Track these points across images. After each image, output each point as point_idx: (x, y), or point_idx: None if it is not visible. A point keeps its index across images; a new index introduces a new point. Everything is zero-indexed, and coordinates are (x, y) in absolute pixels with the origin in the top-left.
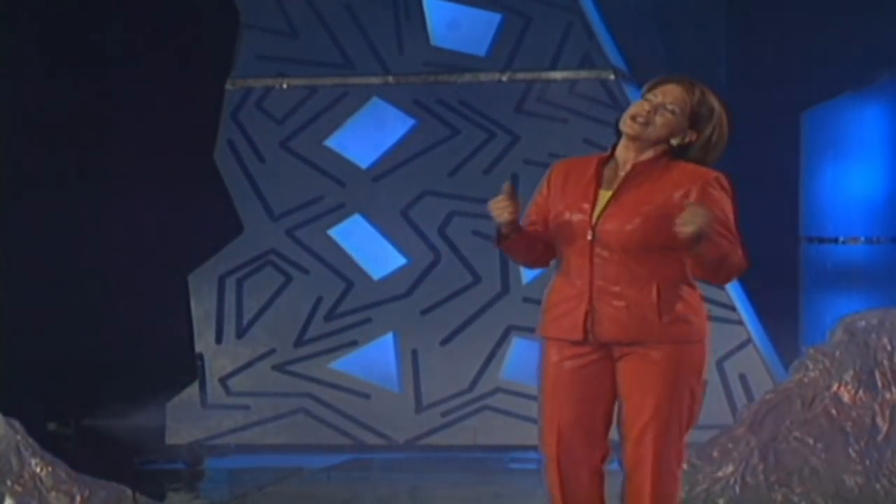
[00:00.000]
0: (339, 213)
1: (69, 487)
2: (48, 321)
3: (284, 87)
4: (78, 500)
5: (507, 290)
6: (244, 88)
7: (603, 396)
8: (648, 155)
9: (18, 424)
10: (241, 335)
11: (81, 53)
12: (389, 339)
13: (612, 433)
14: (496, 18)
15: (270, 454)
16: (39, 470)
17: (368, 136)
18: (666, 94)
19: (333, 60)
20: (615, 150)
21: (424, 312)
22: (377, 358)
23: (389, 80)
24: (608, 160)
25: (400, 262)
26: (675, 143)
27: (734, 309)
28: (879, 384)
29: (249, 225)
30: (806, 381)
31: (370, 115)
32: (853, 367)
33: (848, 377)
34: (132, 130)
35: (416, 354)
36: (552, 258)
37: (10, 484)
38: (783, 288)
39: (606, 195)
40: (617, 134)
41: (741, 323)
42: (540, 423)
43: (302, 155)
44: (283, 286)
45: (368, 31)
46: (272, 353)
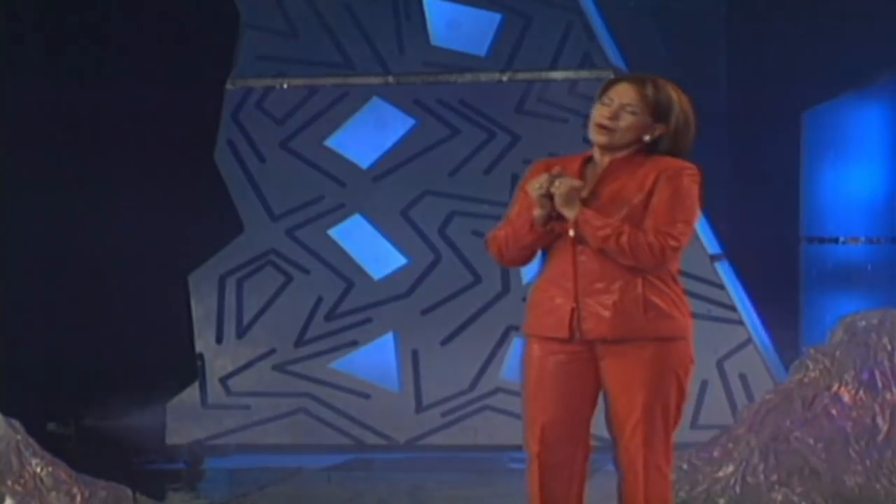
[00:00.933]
0: (339, 213)
1: (69, 487)
2: (48, 321)
3: (285, 87)
4: (78, 500)
5: (507, 290)
6: (244, 88)
7: (587, 395)
8: (623, 153)
9: (18, 424)
10: (241, 335)
11: (82, 53)
12: (389, 339)
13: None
14: (496, 18)
15: (270, 454)
16: (39, 470)
17: (368, 136)
18: (621, 95)
19: (333, 60)
20: (584, 154)
21: (425, 312)
22: (377, 358)
23: (389, 80)
24: (590, 159)
25: (400, 262)
26: (647, 139)
27: (734, 309)
28: (879, 384)
29: (249, 225)
30: (806, 381)
31: (370, 115)
32: (853, 367)
33: (848, 377)
34: (132, 130)
35: (416, 354)
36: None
37: (10, 484)
38: (783, 288)
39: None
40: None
41: (741, 323)
42: (524, 422)
43: (302, 155)
44: (283, 286)
45: (368, 31)
46: (272, 353)
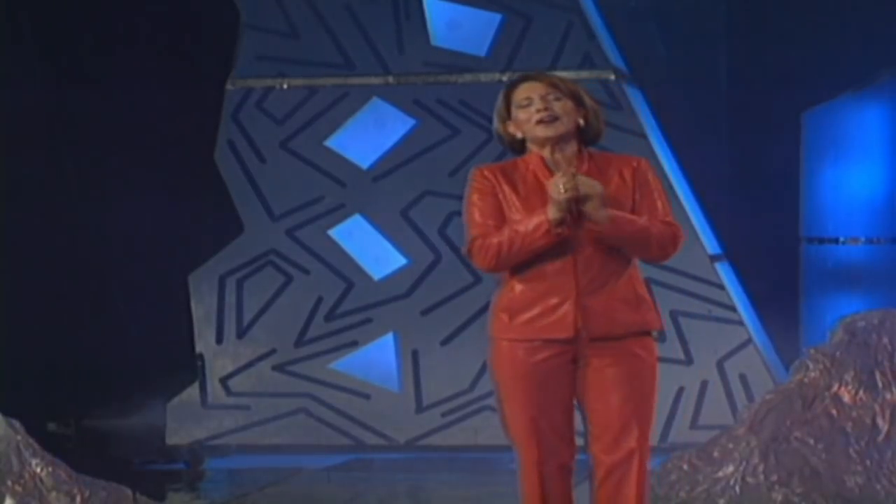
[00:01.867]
0: (339, 213)
1: (69, 487)
2: (48, 321)
3: (285, 87)
4: (78, 500)
5: None
6: (244, 88)
7: (573, 394)
8: (573, 149)
9: (18, 424)
10: (241, 335)
11: (81, 53)
12: (390, 339)
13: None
14: (496, 18)
15: (270, 454)
16: (40, 470)
17: (369, 136)
18: (533, 91)
19: (333, 60)
20: (528, 159)
21: (425, 313)
22: (377, 358)
23: (389, 80)
24: (532, 163)
25: (400, 262)
26: (581, 123)
27: (734, 309)
28: (879, 384)
29: (249, 225)
30: (806, 381)
31: (370, 115)
32: (853, 367)
33: (848, 377)
34: (132, 130)
35: (416, 355)
36: None
37: (10, 484)
38: (783, 288)
39: None
40: (538, 143)
41: (741, 323)
42: (506, 427)
43: (302, 155)
44: (283, 286)
45: (368, 31)
46: (272, 353)
